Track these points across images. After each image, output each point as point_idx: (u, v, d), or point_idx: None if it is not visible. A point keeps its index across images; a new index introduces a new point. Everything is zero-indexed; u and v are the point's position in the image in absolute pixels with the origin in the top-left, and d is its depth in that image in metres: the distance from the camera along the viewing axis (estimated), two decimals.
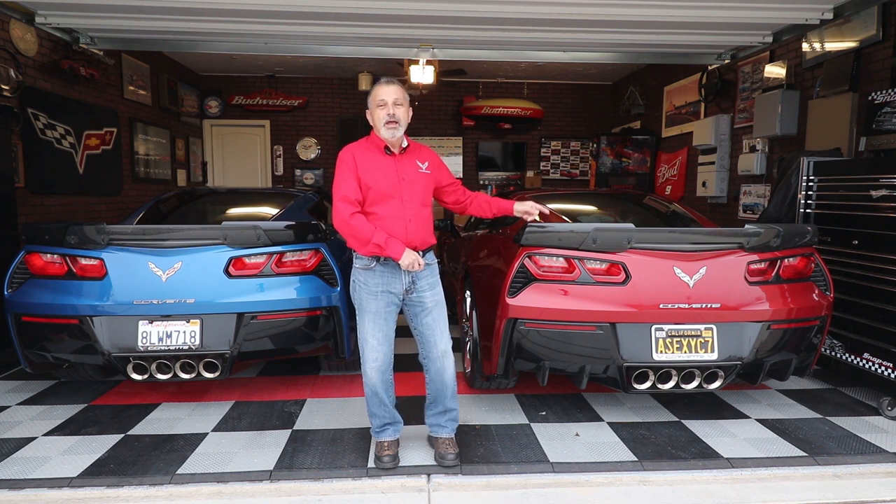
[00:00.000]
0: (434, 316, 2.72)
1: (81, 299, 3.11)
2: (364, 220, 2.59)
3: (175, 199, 4.49)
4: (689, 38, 5.22)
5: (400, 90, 2.64)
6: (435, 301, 2.72)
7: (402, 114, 2.61)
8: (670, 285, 2.91)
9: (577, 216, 3.86)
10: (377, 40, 5.49)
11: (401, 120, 2.61)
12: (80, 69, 5.65)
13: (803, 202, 3.94)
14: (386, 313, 2.68)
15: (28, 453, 2.84)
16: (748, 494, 2.51)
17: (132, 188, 7.03)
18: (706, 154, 6.62)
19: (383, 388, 2.73)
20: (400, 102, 2.61)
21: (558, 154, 10.18)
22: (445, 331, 2.75)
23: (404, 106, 2.63)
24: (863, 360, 3.47)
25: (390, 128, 2.59)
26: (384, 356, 2.70)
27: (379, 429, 2.79)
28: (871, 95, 3.87)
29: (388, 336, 2.71)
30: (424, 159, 2.74)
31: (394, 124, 2.59)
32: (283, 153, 9.74)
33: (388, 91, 2.61)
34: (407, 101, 2.66)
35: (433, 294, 2.72)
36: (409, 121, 2.67)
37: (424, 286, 2.70)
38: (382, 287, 2.64)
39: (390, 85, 2.63)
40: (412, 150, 2.74)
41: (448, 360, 2.74)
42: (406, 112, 2.65)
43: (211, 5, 4.36)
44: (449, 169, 2.91)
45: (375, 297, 2.65)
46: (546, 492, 2.53)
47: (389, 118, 2.58)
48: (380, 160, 2.65)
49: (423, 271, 2.68)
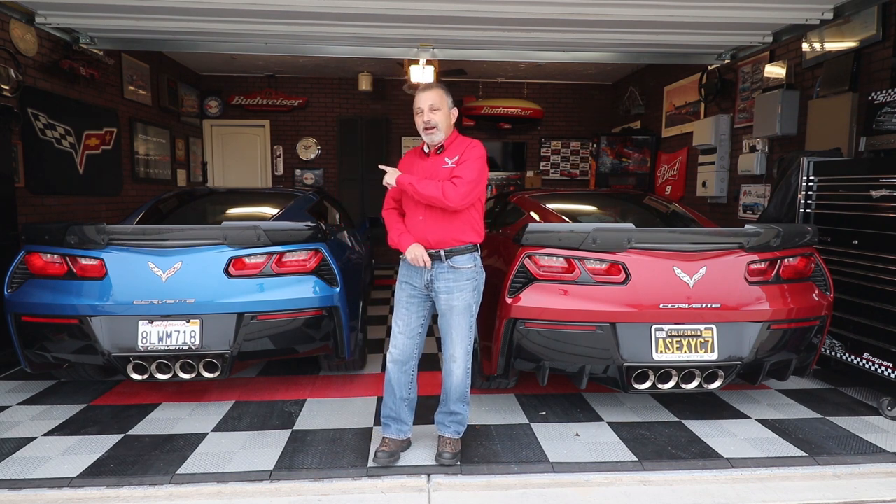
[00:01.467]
0: (446, 319, 2.72)
1: (81, 299, 3.11)
2: (392, 216, 2.85)
3: (175, 199, 4.49)
4: (689, 38, 5.22)
5: (436, 94, 2.68)
6: (449, 306, 2.69)
7: (438, 118, 2.66)
8: (670, 285, 2.91)
9: (577, 216, 3.86)
10: (377, 40, 5.48)
11: (438, 124, 2.66)
12: (80, 69, 5.65)
13: (803, 202, 3.94)
14: (407, 303, 2.76)
15: (28, 453, 2.84)
16: (748, 494, 2.51)
17: (132, 188, 7.03)
18: (706, 154, 6.62)
19: (396, 378, 2.75)
20: (437, 107, 2.66)
21: (558, 154, 10.18)
22: (457, 337, 2.71)
23: (442, 109, 2.67)
24: (863, 360, 3.47)
25: (428, 133, 2.69)
26: (403, 347, 2.74)
27: (384, 420, 2.82)
28: (871, 95, 3.87)
29: (409, 327, 2.75)
30: (455, 154, 2.70)
31: (431, 130, 2.67)
32: (283, 153, 9.74)
33: (424, 98, 2.67)
34: (447, 103, 2.69)
35: (448, 298, 2.68)
36: (452, 120, 2.72)
37: (441, 287, 2.69)
38: (405, 278, 2.80)
39: (426, 91, 2.69)
40: (449, 149, 2.72)
41: (454, 365, 2.73)
42: (445, 115, 2.68)
43: (211, 5, 4.36)
44: (472, 165, 2.63)
45: (401, 285, 2.82)
46: (546, 492, 2.53)
47: (426, 125, 2.66)
48: (415, 162, 2.78)
49: (446, 273, 2.67)
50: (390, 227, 2.82)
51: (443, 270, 2.67)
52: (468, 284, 2.70)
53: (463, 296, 2.69)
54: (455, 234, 2.67)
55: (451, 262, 2.66)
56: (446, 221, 2.66)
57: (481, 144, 2.74)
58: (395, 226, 2.80)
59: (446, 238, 2.66)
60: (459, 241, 2.67)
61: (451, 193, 2.57)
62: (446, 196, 2.57)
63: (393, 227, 2.81)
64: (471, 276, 2.71)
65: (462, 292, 2.69)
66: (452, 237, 2.66)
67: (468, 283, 2.70)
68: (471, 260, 2.70)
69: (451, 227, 2.66)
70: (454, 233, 2.67)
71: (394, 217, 2.84)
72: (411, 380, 2.80)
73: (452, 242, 2.67)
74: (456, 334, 2.71)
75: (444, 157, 2.70)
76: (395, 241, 2.76)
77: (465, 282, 2.69)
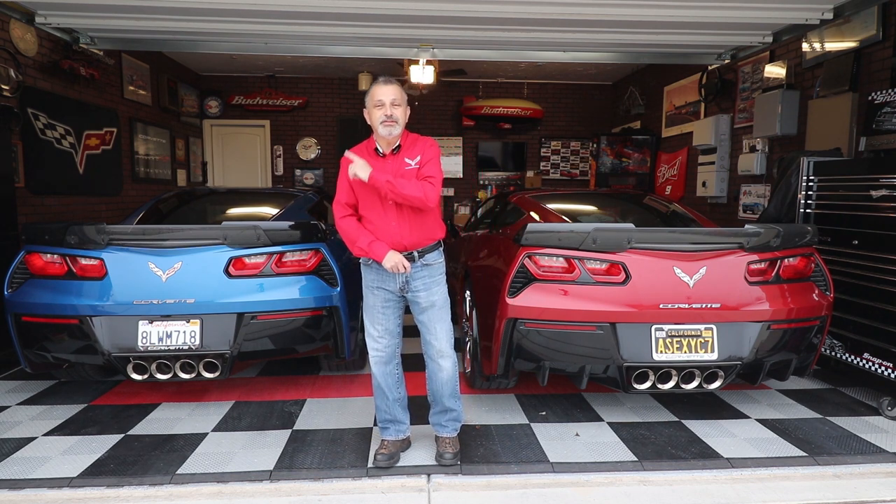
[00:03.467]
0: (429, 315, 2.70)
1: (81, 299, 3.11)
2: (352, 224, 2.67)
3: (175, 199, 4.49)
4: (689, 38, 5.22)
5: (398, 90, 2.61)
6: (430, 302, 2.69)
7: (399, 113, 2.59)
8: (670, 285, 2.91)
9: (576, 216, 3.86)
10: (377, 40, 5.48)
11: (398, 119, 2.59)
12: (80, 69, 5.65)
13: (803, 202, 3.94)
14: (383, 308, 2.71)
15: (28, 453, 2.84)
16: (748, 494, 2.51)
17: (132, 188, 7.03)
18: (706, 154, 6.62)
19: (384, 380, 2.75)
20: (398, 103, 2.59)
21: (558, 154, 10.18)
22: (442, 331, 2.71)
23: (402, 106, 2.62)
24: (863, 360, 3.47)
25: (387, 126, 2.57)
26: (385, 348, 2.72)
27: (381, 423, 2.82)
28: (871, 95, 3.87)
29: (388, 329, 2.72)
30: (416, 154, 2.63)
31: (390, 123, 2.57)
32: (283, 153, 9.74)
33: (386, 91, 2.58)
34: (405, 101, 2.65)
35: (428, 295, 2.68)
36: (406, 120, 2.65)
37: (419, 286, 2.67)
38: (377, 283, 2.70)
39: (388, 85, 2.60)
40: (405, 148, 2.67)
41: (444, 360, 2.72)
42: (404, 111, 2.63)
43: (211, 5, 4.36)
44: (437, 164, 2.65)
45: (372, 291, 2.73)
46: (546, 492, 2.52)
47: (386, 118, 2.56)
48: (369, 163, 2.58)
49: (420, 272, 2.66)
50: (355, 236, 2.62)
51: (417, 269, 2.66)
52: (441, 278, 2.74)
53: (440, 290, 2.72)
54: (428, 232, 2.67)
55: (423, 261, 2.66)
56: (419, 222, 2.64)
57: (435, 141, 2.74)
58: (361, 233, 2.62)
59: (422, 238, 2.65)
60: (432, 238, 2.69)
61: (430, 193, 2.55)
62: (427, 196, 2.53)
63: (359, 236, 2.62)
64: (441, 269, 2.75)
65: (439, 286, 2.72)
66: (426, 236, 2.67)
67: (441, 276, 2.74)
68: (439, 255, 2.74)
69: (424, 227, 2.65)
70: (427, 231, 2.67)
71: (355, 225, 2.66)
72: (398, 378, 2.80)
73: (426, 241, 2.67)
74: (440, 329, 2.71)
75: (403, 157, 2.63)
76: (365, 249, 2.60)
77: (439, 276, 2.73)
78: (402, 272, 2.60)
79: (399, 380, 2.81)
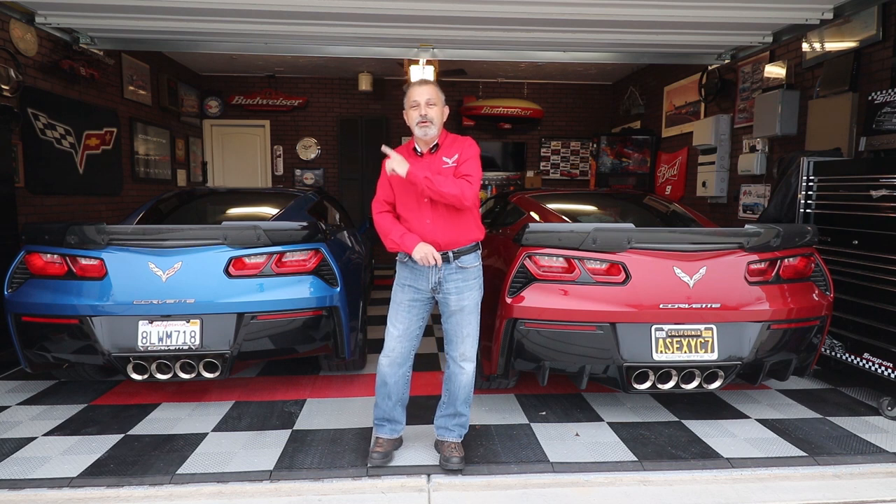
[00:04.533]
0: (456, 319, 2.69)
1: (81, 299, 3.11)
2: (387, 218, 2.72)
3: (175, 199, 4.49)
4: (689, 38, 5.22)
5: (433, 90, 2.65)
6: (460, 306, 2.67)
7: (434, 113, 2.63)
8: (670, 285, 2.91)
9: (577, 216, 3.86)
10: (377, 40, 5.48)
11: (433, 119, 2.62)
12: (80, 69, 5.65)
13: (803, 202, 3.94)
14: (409, 306, 2.70)
15: (28, 453, 2.84)
16: (748, 494, 2.51)
17: (132, 188, 7.03)
18: (706, 154, 6.62)
19: (393, 380, 2.73)
20: (433, 102, 2.63)
21: (558, 154, 10.17)
22: (468, 337, 2.70)
23: (437, 105, 2.65)
24: (863, 360, 3.47)
25: (422, 126, 2.62)
26: (401, 350, 2.71)
27: (378, 421, 2.81)
28: (871, 95, 3.87)
29: (409, 330, 2.71)
30: (454, 153, 2.66)
31: (426, 124, 2.62)
32: (283, 153, 9.73)
33: (421, 92, 2.64)
34: (441, 100, 2.68)
35: (458, 299, 2.66)
36: (443, 119, 2.69)
37: (450, 289, 2.66)
38: (409, 281, 2.71)
39: (423, 86, 2.66)
40: (444, 147, 2.69)
41: (468, 364, 2.71)
42: (440, 111, 2.66)
43: (211, 5, 4.36)
44: (476, 163, 2.66)
45: (402, 288, 2.73)
46: (546, 492, 2.53)
47: (421, 118, 2.61)
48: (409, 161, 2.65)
49: (454, 274, 2.65)
50: (389, 230, 2.68)
51: (451, 272, 2.65)
52: (475, 283, 2.71)
53: (472, 294, 2.69)
54: (464, 232, 2.66)
55: (458, 263, 2.65)
56: (455, 221, 2.63)
57: (474, 141, 2.74)
58: (395, 227, 2.67)
59: (458, 238, 2.64)
60: (469, 239, 2.67)
61: (468, 192, 2.57)
62: (464, 194, 2.55)
63: (392, 230, 2.67)
64: (477, 274, 2.72)
65: (471, 291, 2.69)
66: (462, 236, 2.65)
67: (475, 281, 2.71)
68: (476, 258, 2.71)
69: (460, 226, 2.65)
70: (463, 231, 2.65)
71: (390, 220, 2.71)
72: (407, 381, 2.80)
73: (463, 241, 2.65)
74: (468, 333, 2.70)
75: (441, 156, 2.67)
76: (397, 241, 2.65)
77: (473, 280, 2.70)
78: (432, 264, 2.59)
79: (407, 382, 2.80)
